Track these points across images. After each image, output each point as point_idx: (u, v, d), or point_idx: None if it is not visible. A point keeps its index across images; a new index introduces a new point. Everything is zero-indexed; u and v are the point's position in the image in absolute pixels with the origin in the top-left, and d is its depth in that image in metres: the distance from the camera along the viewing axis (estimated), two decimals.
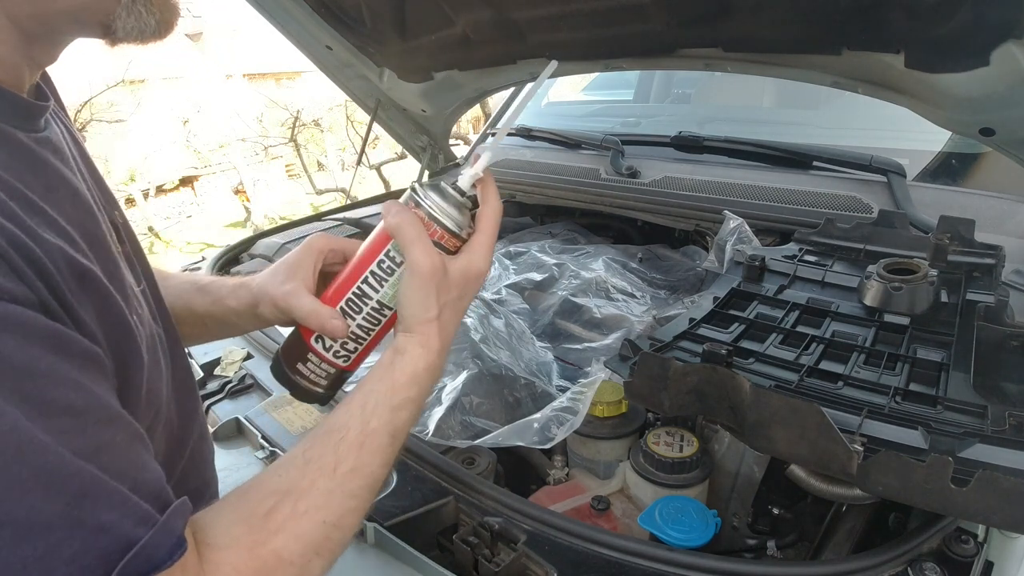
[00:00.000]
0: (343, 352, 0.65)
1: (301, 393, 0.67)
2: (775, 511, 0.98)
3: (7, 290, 0.38)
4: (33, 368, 0.39)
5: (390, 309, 0.63)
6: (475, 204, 0.63)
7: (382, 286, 0.62)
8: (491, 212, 0.62)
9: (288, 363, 0.67)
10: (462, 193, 0.61)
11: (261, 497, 0.51)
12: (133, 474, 0.43)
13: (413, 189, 0.61)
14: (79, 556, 0.38)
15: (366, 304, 0.63)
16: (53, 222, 0.45)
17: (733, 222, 1.39)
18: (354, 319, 0.63)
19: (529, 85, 1.47)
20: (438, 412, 1.06)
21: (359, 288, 0.62)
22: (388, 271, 0.61)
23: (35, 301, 0.40)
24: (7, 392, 0.37)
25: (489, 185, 0.62)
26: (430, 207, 0.60)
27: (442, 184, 0.61)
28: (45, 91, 0.55)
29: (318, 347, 0.65)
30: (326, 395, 0.68)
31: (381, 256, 0.61)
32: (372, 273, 0.62)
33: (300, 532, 0.50)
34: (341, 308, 0.63)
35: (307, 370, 0.66)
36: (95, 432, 0.41)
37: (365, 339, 0.65)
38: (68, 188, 0.50)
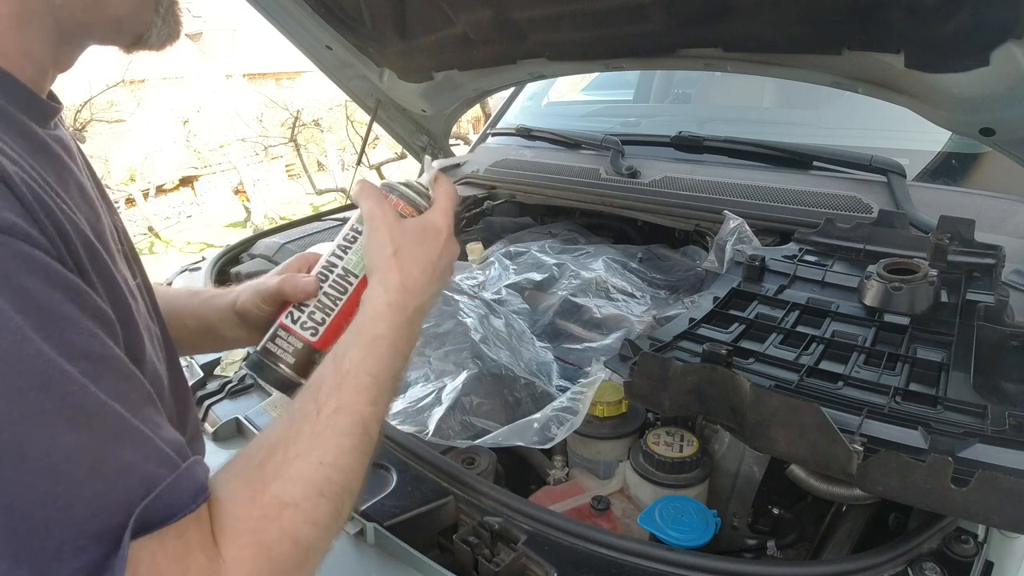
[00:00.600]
0: (311, 323, 0.68)
1: (268, 373, 0.68)
2: (775, 511, 0.98)
3: (32, 236, 0.39)
4: (55, 310, 0.38)
5: (355, 276, 0.68)
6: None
7: (346, 253, 0.69)
8: (444, 189, 0.70)
9: (261, 348, 0.70)
10: (423, 186, 0.71)
11: (253, 453, 0.52)
12: (149, 430, 0.43)
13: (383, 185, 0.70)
14: (100, 495, 0.38)
15: (332, 271, 0.69)
16: (67, 205, 0.46)
17: (733, 222, 1.39)
18: (322, 287, 0.69)
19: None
20: (438, 412, 1.06)
21: (327, 260, 0.70)
22: (352, 239, 0.69)
23: (55, 255, 0.41)
24: (31, 325, 0.36)
25: (441, 177, 0.72)
26: (392, 188, 0.69)
27: (406, 180, 0.71)
28: (55, 96, 0.57)
29: (287, 321, 0.69)
30: (292, 375, 0.67)
31: (348, 229, 0.69)
32: (339, 245, 0.69)
33: (295, 474, 0.50)
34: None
35: (275, 347, 0.68)
36: (113, 381, 0.41)
37: (332, 308, 0.68)
38: (77, 183, 0.52)
